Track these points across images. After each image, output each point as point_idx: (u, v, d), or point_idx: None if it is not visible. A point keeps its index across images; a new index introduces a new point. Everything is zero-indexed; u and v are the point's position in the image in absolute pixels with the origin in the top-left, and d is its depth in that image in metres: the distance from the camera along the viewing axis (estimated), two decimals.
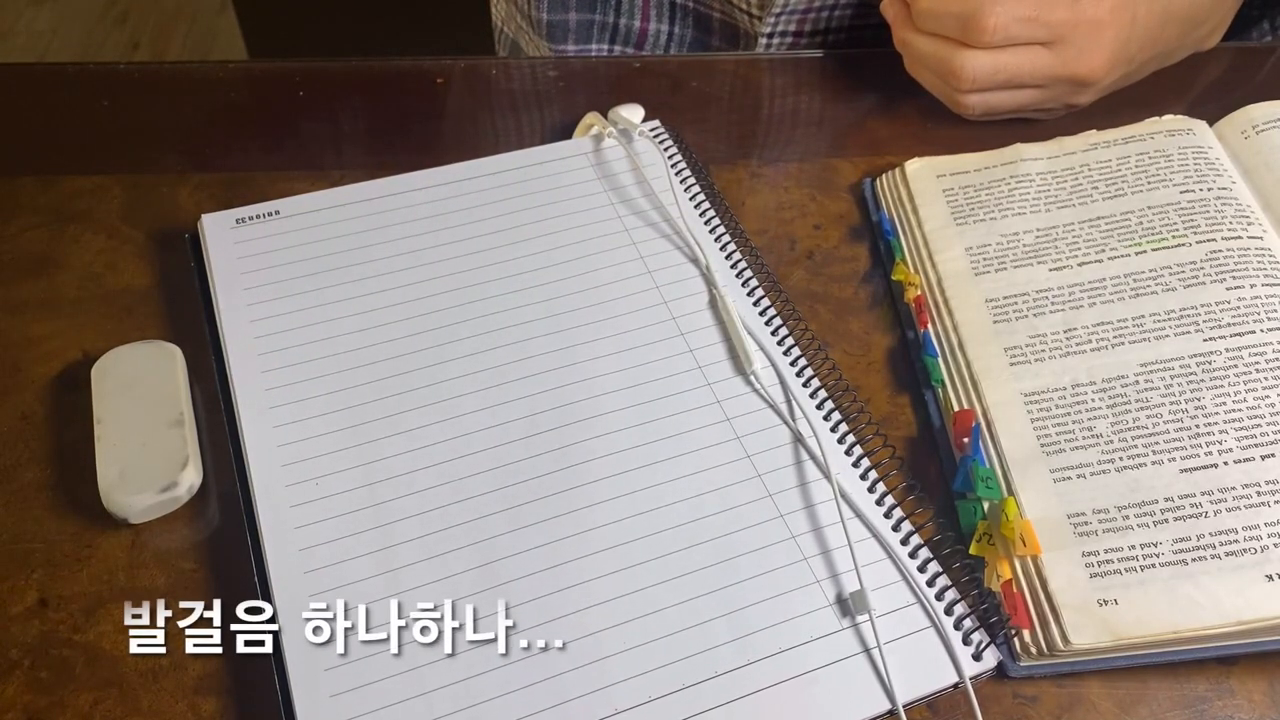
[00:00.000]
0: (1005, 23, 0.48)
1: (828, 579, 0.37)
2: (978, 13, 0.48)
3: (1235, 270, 0.44)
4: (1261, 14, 0.63)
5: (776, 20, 0.61)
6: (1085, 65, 0.50)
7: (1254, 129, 0.49)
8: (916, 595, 0.37)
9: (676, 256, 0.47)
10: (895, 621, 0.36)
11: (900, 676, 0.35)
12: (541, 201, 0.49)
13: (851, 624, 0.36)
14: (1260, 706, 0.36)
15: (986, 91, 0.51)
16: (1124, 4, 0.50)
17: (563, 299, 0.45)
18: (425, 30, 1.42)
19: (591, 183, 0.50)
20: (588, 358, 0.43)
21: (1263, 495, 0.37)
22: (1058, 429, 0.41)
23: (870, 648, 0.36)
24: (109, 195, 0.48)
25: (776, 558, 0.38)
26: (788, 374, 0.43)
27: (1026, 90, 0.51)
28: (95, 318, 0.45)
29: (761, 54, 0.62)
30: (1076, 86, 0.51)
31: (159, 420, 0.41)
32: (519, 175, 0.50)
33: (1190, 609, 0.35)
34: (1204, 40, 0.56)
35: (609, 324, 0.44)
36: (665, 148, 0.51)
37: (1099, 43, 0.50)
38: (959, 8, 0.49)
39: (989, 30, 0.48)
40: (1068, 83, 0.51)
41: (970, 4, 0.48)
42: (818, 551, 0.38)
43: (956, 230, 0.48)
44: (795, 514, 0.39)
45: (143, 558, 0.39)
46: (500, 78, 0.57)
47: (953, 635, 0.36)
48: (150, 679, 0.36)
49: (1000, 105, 0.52)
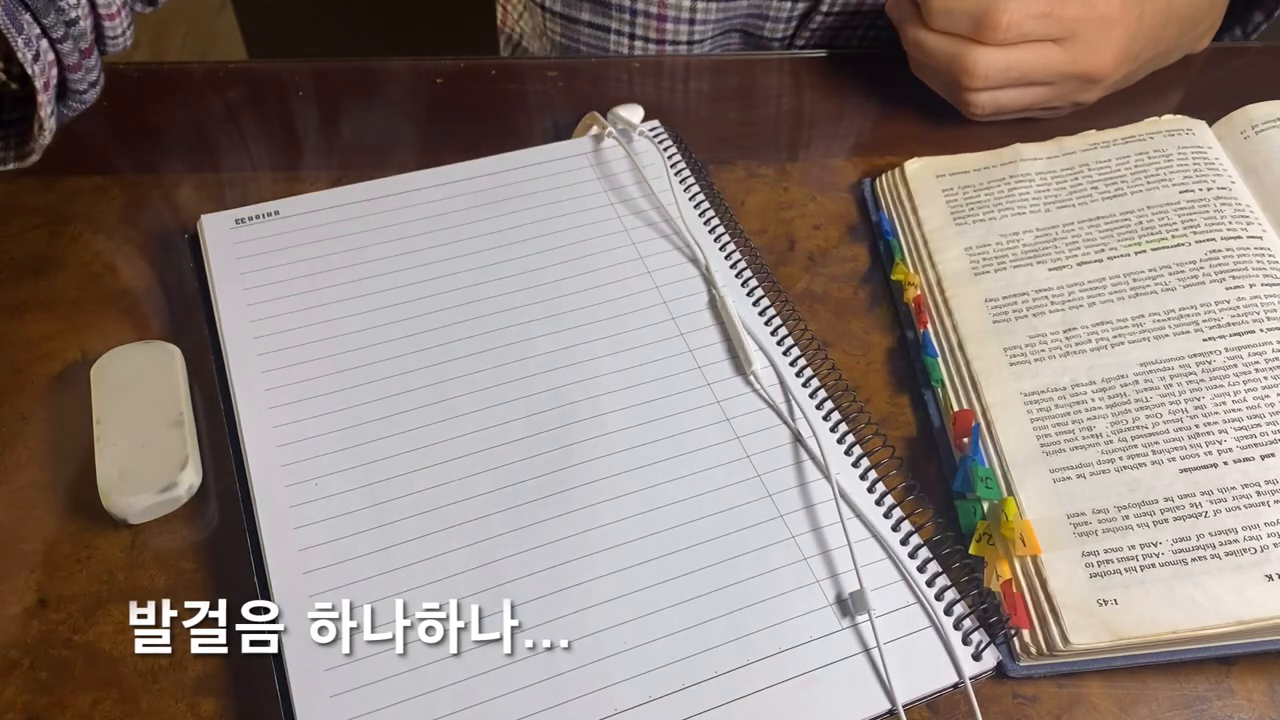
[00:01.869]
0: (1019, 19, 0.48)
1: (827, 579, 0.37)
2: (991, 9, 0.48)
3: (1235, 270, 0.44)
4: (1233, 21, 0.63)
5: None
6: (1095, 61, 0.50)
7: (1253, 129, 0.49)
8: (916, 595, 0.37)
9: (676, 257, 0.47)
10: (895, 621, 0.36)
11: (900, 676, 0.35)
12: (541, 202, 0.49)
13: (851, 624, 0.36)
14: (1260, 706, 0.36)
15: (997, 89, 0.51)
16: (1133, 1, 0.50)
17: (562, 299, 0.45)
18: (425, 30, 1.42)
19: (591, 183, 0.50)
20: (587, 358, 0.43)
21: (1262, 495, 0.37)
22: (1057, 429, 0.41)
23: (870, 648, 0.36)
24: (109, 195, 0.48)
25: (776, 558, 0.38)
26: (787, 374, 0.43)
27: (1036, 88, 0.51)
28: (95, 318, 0.45)
29: (761, 54, 0.62)
30: (1085, 83, 0.51)
31: (158, 420, 0.41)
32: (518, 176, 0.50)
33: (1190, 609, 0.35)
34: (1198, 40, 0.56)
35: (609, 324, 0.44)
36: (665, 148, 0.51)
37: (1109, 39, 0.50)
38: (972, 5, 0.49)
39: (1003, 27, 0.48)
40: (1077, 79, 0.51)
41: (983, 1, 0.48)
42: (817, 551, 0.38)
43: (956, 230, 0.48)
44: (795, 514, 0.39)
45: (142, 558, 0.39)
46: (500, 78, 0.57)
47: (952, 635, 0.36)
48: (149, 679, 0.36)
49: (1009, 104, 0.52)
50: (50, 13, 0.41)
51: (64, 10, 0.42)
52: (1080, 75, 0.50)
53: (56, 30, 0.42)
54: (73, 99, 0.45)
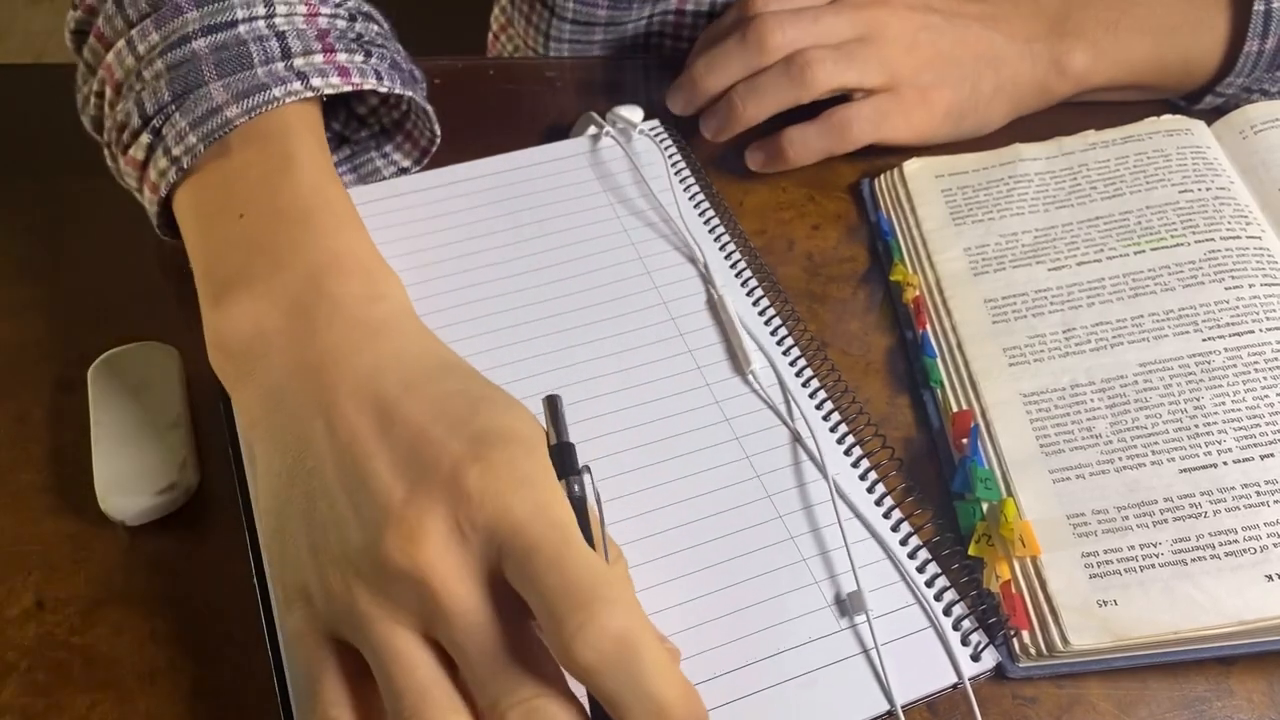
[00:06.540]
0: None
1: (826, 580, 0.37)
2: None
3: (1234, 270, 0.44)
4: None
5: None
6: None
7: (1252, 129, 0.49)
8: (915, 596, 0.37)
9: (675, 256, 0.47)
10: (894, 622, 0.36)
11: (899, 677, 0.35)
12: (540, 202, 0.49)
13: (850, 625, 0.36)
14: (1260, 707, 0.36)
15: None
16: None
17: (562, 299, 0.45)
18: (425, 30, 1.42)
19: (590, 183, 0.50)
20: (587, 358, 0.43)
21: (1262, 495, 0.37)
22: (1057, 429, 0.41)
23: (869, 649, 0.36)
24: (108, 195, 0.48)
25: (775, 559, 0.38)
26: (786, 374, 0.43)
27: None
28: (92, 319, 0.45)
29: None
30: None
31: (156, 422, 0.40)
32: (517, 176, 0.50)
33: (1190, 609, 0.35)
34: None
35: (608, 324, 0.44)
36: (665, 147, 0.51)
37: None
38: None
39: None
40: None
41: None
42: (816, 552, 0.38)
43: (955, 230, 0.48)
44: (794, 515, 0.39)
45: (139, 560, 0.38)
46: (498, 78, 0.57)
47: (951, 636, 0.36)
48: (148, 681, 0.36)
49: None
50: (369, 50, 0.43)
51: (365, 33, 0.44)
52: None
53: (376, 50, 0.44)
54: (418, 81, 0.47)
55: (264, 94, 0.39)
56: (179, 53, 0.39)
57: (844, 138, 0.50)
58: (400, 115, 0.49)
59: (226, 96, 0.39)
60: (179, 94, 0.39)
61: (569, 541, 0.29)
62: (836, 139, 0.50)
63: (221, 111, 0.38)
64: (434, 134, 0.48)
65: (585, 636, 0.27)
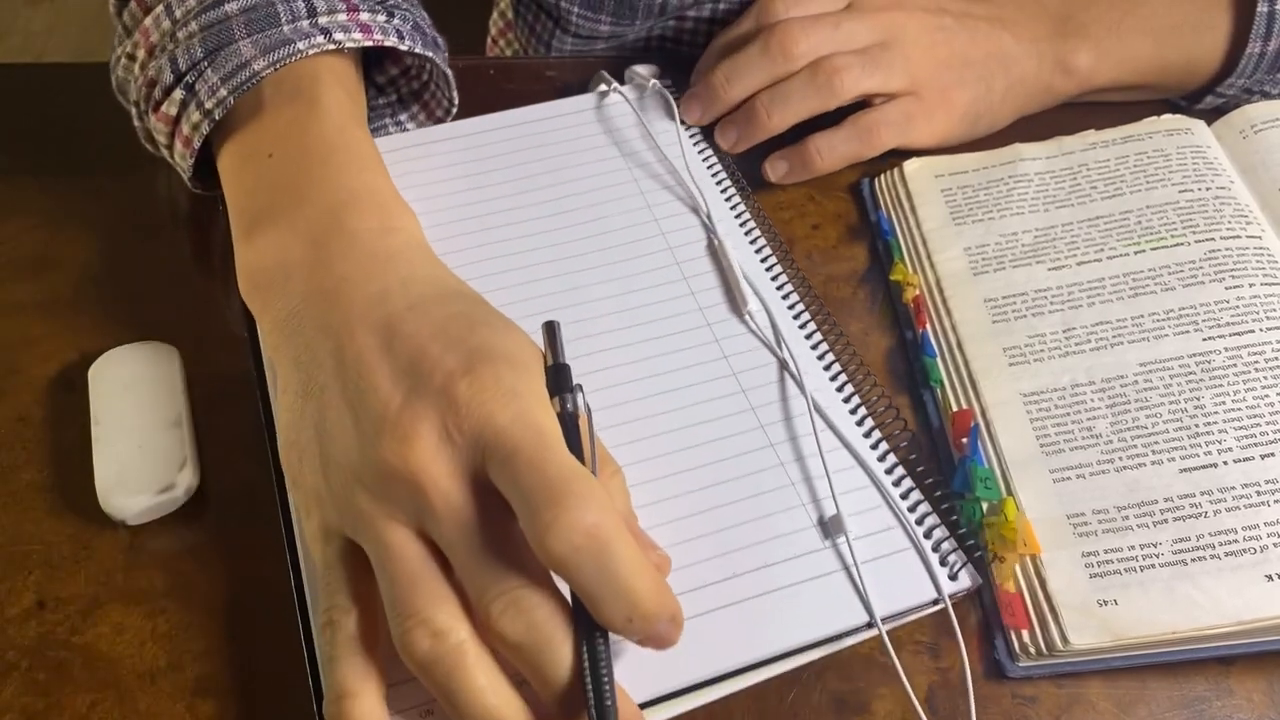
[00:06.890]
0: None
1: (812, 503, 0.39)
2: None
3: (1234, 270, 0.44)
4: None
5: None
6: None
7: (1252, 129, 0.49)
8: (897, 518, 0.39)
9: (680, 205, 0.49)
10: (877, 542, 0.38)
11: (879, 592, 0.37)
12: (552, 153, 0.50)
13: (833, 544, 0.38)
14: (1259, 706, 0.36)
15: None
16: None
17: (571, 243, 0.47)
18: None
19: (599, 135, 0.51)
20: (594, 298, 0.45)
21: (1262, 495, 0.37)
22: (1057, 429, 0.41)
23: (848, 565, 0.37)
24: (108, 195, 0.48)
25: (765, 482, 0.40)
26: (780, 314, 0.45)
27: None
28: (93, 318, 0.45)
29: None
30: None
31: (157, 421, 0.40)
32: (530, 129, 0.51)
33: (1190, 609, 0.35)
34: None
35: (615, 267, 0.46)
36: (677, 100, 0.52)
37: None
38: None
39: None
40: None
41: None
42: (803, 478, 0.40)
43: (955, 230, 0.48)
44: (784, 444, 0.41)
45: (140, 559, 0.38)
46: (498, 77, 0.57)
47: (931, 557, 0.38)
48: (148, 680, 0.36)
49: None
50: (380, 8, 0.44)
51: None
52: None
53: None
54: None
55: (288, 48, 0.41)
56: (212, 14, 0.41)
57: (871, 143, 0.50)
58: (420, 86, 0.49)
59: (254, 51, 0.40)
60: (210, 50, 0.41)
61: (548, 446, 0.31)
62: (864, 144, 0.50)
63: (249, 65, 0.40)
64: (452, 101, 0.49)
65: (558, 530, 0.29)
